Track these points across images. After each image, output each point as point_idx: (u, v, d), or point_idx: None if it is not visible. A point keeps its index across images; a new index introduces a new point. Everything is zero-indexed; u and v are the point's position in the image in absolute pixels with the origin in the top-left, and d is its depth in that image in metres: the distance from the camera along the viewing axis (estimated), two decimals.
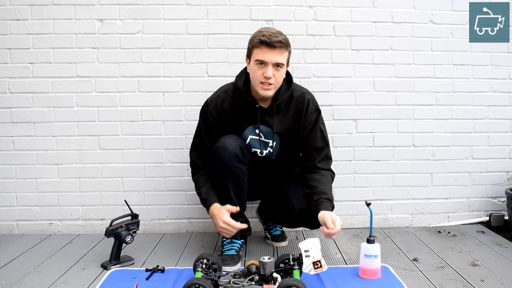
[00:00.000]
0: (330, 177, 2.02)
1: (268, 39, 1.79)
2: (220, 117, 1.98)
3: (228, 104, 1.97)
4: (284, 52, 1.84)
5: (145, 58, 2.45)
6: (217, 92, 2.03)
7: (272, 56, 1.81)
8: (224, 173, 1.91)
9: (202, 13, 2.44)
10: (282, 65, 1.85)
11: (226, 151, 1.88)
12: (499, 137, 2.60)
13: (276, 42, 1.79)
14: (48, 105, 2.45)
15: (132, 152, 2.49)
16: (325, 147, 2.04)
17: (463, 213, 2.62)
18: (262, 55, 1.82)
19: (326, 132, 2.06)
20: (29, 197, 2.49)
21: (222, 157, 1.88)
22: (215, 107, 1.98)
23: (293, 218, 2.11)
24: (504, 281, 1.78)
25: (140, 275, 1.85)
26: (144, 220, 2.49)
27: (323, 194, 1.90)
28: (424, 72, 2.53)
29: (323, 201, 1.87)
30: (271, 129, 1.98)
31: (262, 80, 1.84)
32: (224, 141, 1.91)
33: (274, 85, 1.86)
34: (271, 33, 1.81)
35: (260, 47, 1.82)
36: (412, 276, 1.84)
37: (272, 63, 1.82)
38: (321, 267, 1.64)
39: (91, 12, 2.41)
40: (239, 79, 1.97)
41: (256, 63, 1.84)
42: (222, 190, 1.96)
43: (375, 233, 2.29)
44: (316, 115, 2.01)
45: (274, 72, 1.83)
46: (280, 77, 1.87)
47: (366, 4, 2.48)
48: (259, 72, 1.84)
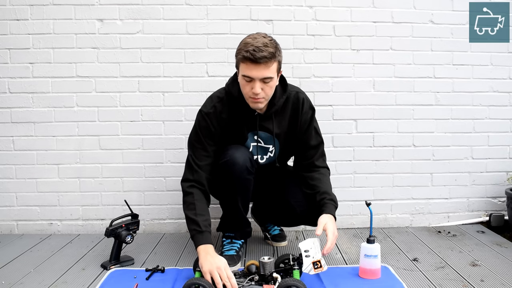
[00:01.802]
0: (328, 174, 2.01)
1: (252, 55, 1.66)
2: (221, 126, 1.90)
3: (226, 113, 1.89)
4: (271, 65, 1.71)
5: (145, 58, 2.45)
6: (212, 102, 1.91)
7: (258, 71, 1.70)
8: (234, 186, 1.87)
9: (202, 13, 2.44)
10: (270, 78, 1.74)
11: (236, 165, 1.82)
12: (499, 137, 2.60)
13: (260, 58, 1.67)
14: (48, 105, 2.45)
15: (132, 152, 2.49)
16: (321, 144, 2.02)
17: (463, 213, 2.62)
18: (248, 71, 1.71)
19: (319, 129, 2.03)
20: (29, 197, 2.49)
21: (233, 171, 1.83)
22: (215, 117, 1.88)
23: (294, 220, 2.11)
24: (504, 281, 1.78)
25: (140, 275, 1.85)
26: (144, 220, 2.49)
27: (326, 195, 1.88)
28: (424, 72, 2.53)
29: (327, 202, 1.85)
30: (271, 134, 1.95)
31: (251, 95, 1.76)
32: (233, 155, 1.84)
33: (264, 98, 1.78)
34: (255, 47, 1.67)
35: (246, 62, 1.70)
36: (412, 276, 1.84)
37: (259, 79, 1.72)
38: (321, 267, 1.64)
39: (91, 12, 2.41)
40: (232, 87, 1.88)
41: (243, 78, 1.75)
42: (230, 201, 1.95)
43: (375, 233, 2.30)
44: (310, 113, 1.98)
45: (263, 86, 1.74)
46: (269, 90, 1.78)
47: (366, 4, 2.48)
48: (247, 87, 1.76)
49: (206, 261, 1.65)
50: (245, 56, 1.69)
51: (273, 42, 1.75)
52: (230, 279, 1.60)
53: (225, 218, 2.07)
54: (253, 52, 1.67)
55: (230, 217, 2.02)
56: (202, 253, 1.69)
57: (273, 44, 1.73)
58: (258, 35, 1.75)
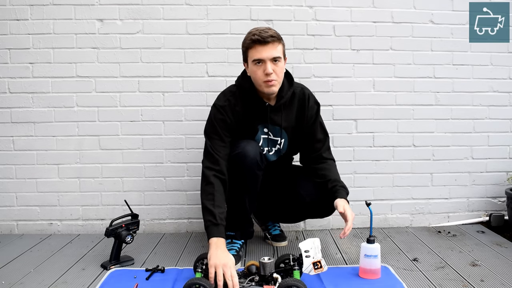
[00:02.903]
0: (335, 165, 2.10)
1: (259, 36, 1.82)
2: (236, 118, 1.97)
3: (239, 106, 1.97)
4: (277, 45, 1.86)
5: (145, 58, 2.45)
6: (225, 96, 1.99)
7: (267, 51, 1.83)
8: (244, 178, 1.92)
9: (202, 13, 2.44)
10: (279, 58, 1.86)
11: (248, 157, 1.88)
12: (499, 137, 2.60)
13: (267, 37, 1.82)
14: (48, 105, 2.45)
15: (132, 152, 2.49)
16: (327, 138, 2.11)
17: (463, 213, 2.62)
18: (258, 53, 1.84)
19: (324, 124, 2.13)
20: (29, 197, 2.49)
21: (244, 164, 1.88)
22: (230, 109, 1.95)
23: (302, 211, 2.13)
24: (504, 281, 1.78)
25: (140, 275, 1.85)
26: (144, 220, 2.49)
27: (337, 182, 1.98)
28: (424, 72, 2.53)
29: (339, 189, 1.95)
30: (279, 126, 2.02)
31: (264, 78, 1.87)
32: (245, 147, 1.90)
33: (276, 80, 1.89)
34: (260, 31, 1.85)
35: (254, 46, 1.85)
36: (412, 276, 1.84)
37: (269, 59, 1.84)
38: (321, 267, 1.64)
39: (91, 12, 2.41)
40: (243, 81, 1.99)
41: (254, 63, 1.87)
42: (237, 196, 1.97)
43: (375, 233, 2.30)
44: (316, 108, 2.07)
45: (274, 67, 1.85)
46: (280, 71, 1.89)
47: (366, 4, 2.48)
48: (259, 71, 1.87)
49: (215, 255, 1.67)
50: (253, 39, 1.84)
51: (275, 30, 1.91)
52: (233, 278, 1.61)
53: (229, 215, 2.07)
54: (259, 33, 1.83)
55: (234, 214, 2.02)
56: (213, 246, 1.72)
57: (275, 31, 1.89)
58: (260, 26, 1.95)
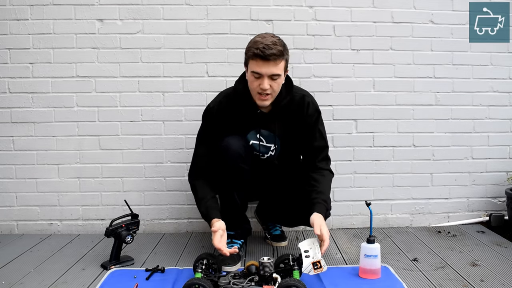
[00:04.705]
0: (330, 177, 2.03)
1: (262, 52, 1.75)
2: (225, 121, 1.98)
3: (230, 109, 1.97)
4: (280, 63, 1.80)
5: (145, 58, 2.45)
6: (218, 97, 2.02)
7: (267, 68, 1.79)
8: (228, 171, 1.93)
9: (202, 13, 2.44)
10: (278, 75, 1.82)
11: (230, 150, 1.90)
12: (499, 137, 2.60)
13: (270, 56, 1.76)
14: (48, 105, 2.45)
15: (132, 152, 2.49)
16: (325, 148, 2.05)
17: (463, 213, 2.62)
18: (258, 67, 1.80)
19: (325, 133, 2.07)
20: (29, 197, 2.49)
21: (226, 156, 1.90)
22: (219, 111, 1.97)
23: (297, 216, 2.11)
24: (504, 281, 1.78)
25: (140, 275, 1.85)
26: (144, 220, 2.49)
27: (321, 195, 1.90)
28: (424, 72, 2.53)
29: (320, 202, 1.87)
30: (273, 133, 2.00)
31: (259, 91, 1.85)
32: (228, 141, 1.92)
33: (271, 94, 1.86)
34: (265, 45, 1.76)
35: (255, 59, 1.79)
36: (412, 276, 1.84)
37: (268, 75, 1.81)
38: (320, 267, 1.63)
39: (91, 12, 2.41)
40: (239, 84, 1.98)
41: (252, 75, 1.84)
42: (225, 190, 1.98)
43: (375, 233, 2.30)
44: (316, 116, 2.02)
45: (271, 83, 1.82)
46: (277, 87, 1.86)
47: (366, 4, 2.48)
48: (255, 83, 1.84)
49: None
50: (255, 53, 1.78)
51: (281, 41, 1.85)
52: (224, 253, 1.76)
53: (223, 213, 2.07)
54: (263, 49, 1.76)
55: (227, 211, 2.02)
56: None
57: (281, 43, 1.83)
58: (267, 35, 1.85)
